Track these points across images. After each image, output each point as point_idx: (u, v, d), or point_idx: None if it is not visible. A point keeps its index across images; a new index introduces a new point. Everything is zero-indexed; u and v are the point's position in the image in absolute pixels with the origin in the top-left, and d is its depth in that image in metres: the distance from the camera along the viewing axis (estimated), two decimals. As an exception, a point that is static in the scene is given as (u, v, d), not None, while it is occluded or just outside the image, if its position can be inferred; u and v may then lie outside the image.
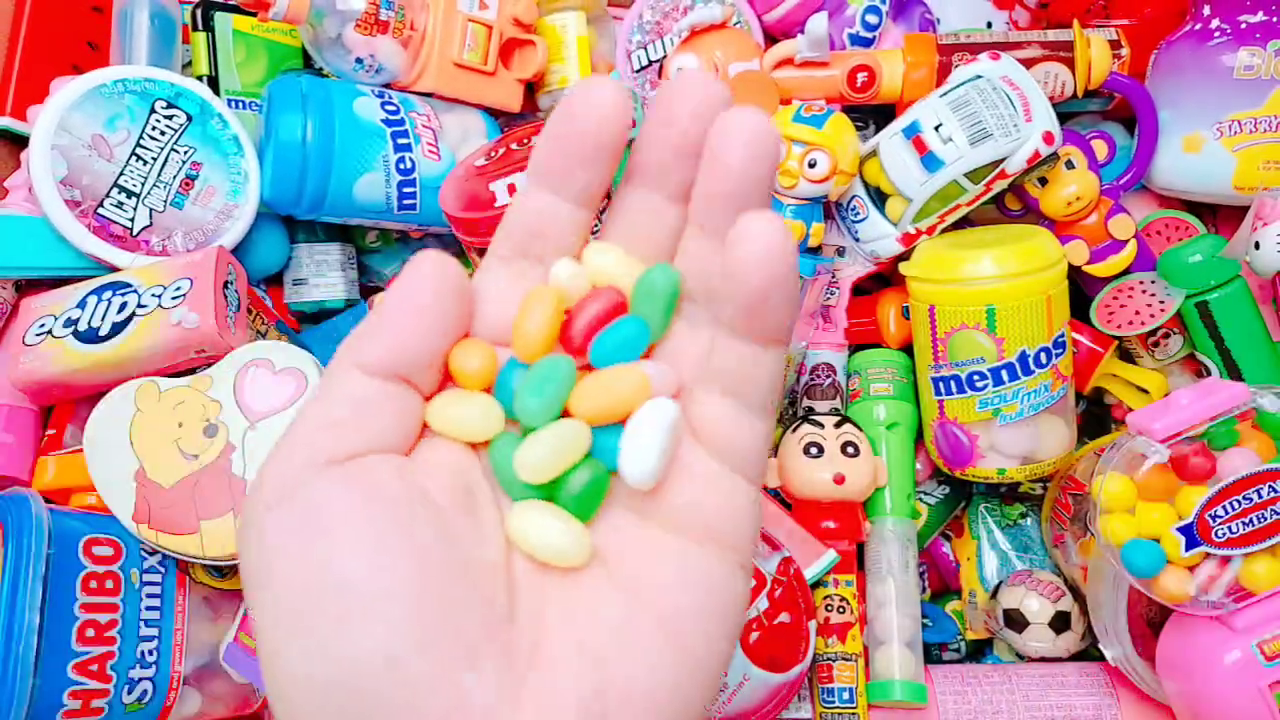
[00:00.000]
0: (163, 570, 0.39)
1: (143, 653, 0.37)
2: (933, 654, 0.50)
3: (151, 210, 0.42)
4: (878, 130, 0.49)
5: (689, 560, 0.18)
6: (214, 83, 0.47)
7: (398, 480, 0.17)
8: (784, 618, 0.42)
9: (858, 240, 0.49)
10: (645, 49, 0.52)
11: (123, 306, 0.39)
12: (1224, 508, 0.38)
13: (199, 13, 0.47)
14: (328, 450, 0.17)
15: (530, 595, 0.18)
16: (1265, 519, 0.38)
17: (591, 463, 0.18)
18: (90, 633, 0.36)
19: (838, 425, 0.46)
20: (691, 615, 0.18)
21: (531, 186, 0.19)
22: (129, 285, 0.40)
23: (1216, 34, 0.48)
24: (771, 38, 0.53)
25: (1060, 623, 0.45)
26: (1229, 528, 0.38)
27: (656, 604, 0.18)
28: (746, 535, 0.19)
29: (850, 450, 0.45)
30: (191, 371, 0.39)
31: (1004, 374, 0.43)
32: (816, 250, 0.49)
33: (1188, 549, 0.38)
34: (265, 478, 0.17)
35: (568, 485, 0.18)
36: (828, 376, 0.50)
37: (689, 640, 0.18)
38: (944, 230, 0.46)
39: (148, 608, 0.38)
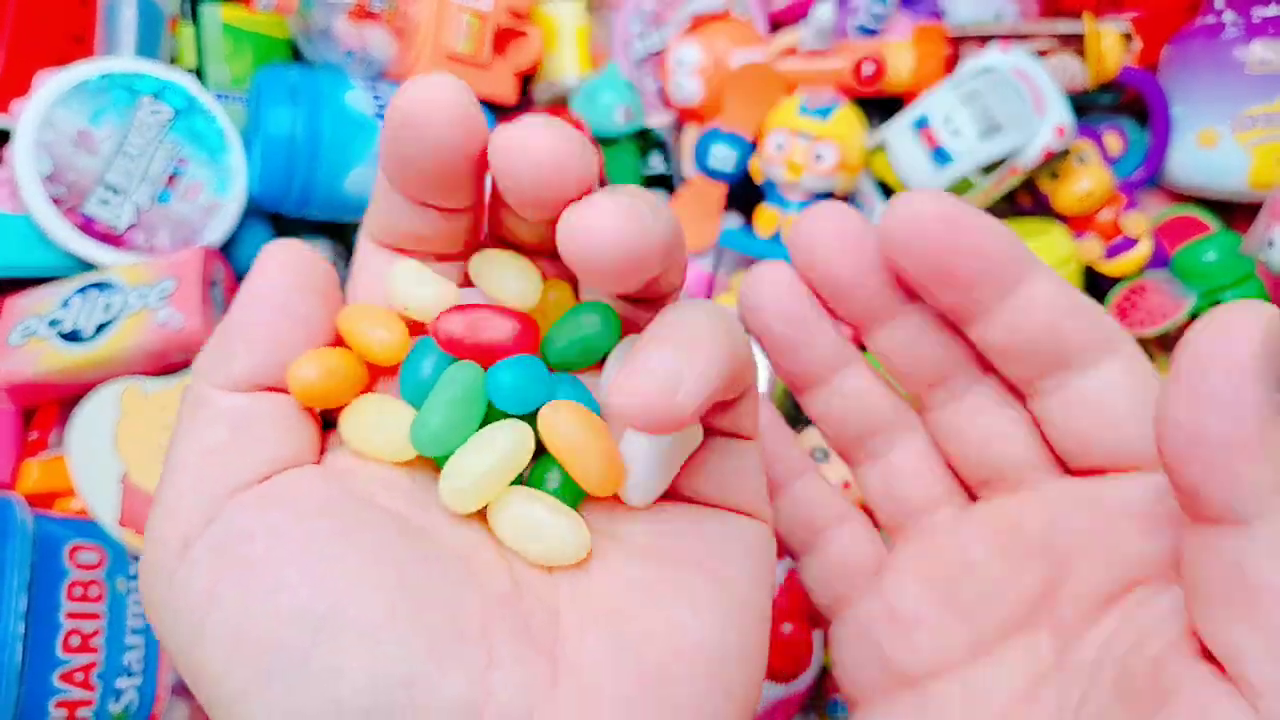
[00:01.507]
0: (149, 578, 0.38)
1: (129, 661, 0.37)
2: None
3: (138, 207, 0.41)
4: (883, 124, 0.48)
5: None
6: (200, 76, 0.46)
7: (327, 489, 0.15)
8: (787, 627, 0.41)
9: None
10: (644, 38, 0.51)
11: (107, 306, 0.38)
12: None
13: (186, 4, 0.47)
14: (227, 476, 0.15)
15: (528, 568, 0.16)
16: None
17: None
18: (75, 641, 0.35)
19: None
20: (721, 557, 0.16)
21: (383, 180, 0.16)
22: (114, 285, 0.39)
23: (1229, 27, 0.47)
24: (777, 26, 0.52)
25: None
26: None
27: (679, 553, 0.16)
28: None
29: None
30: (175, 371, 0.38)
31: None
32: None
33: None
34: (163, 524, 0.14)
35: (545, 481, 0.16)
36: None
37: (729, 584, 0.16)
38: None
39: (133, 615, 0.37)
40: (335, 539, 0.14)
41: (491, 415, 0.16)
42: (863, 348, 0.20)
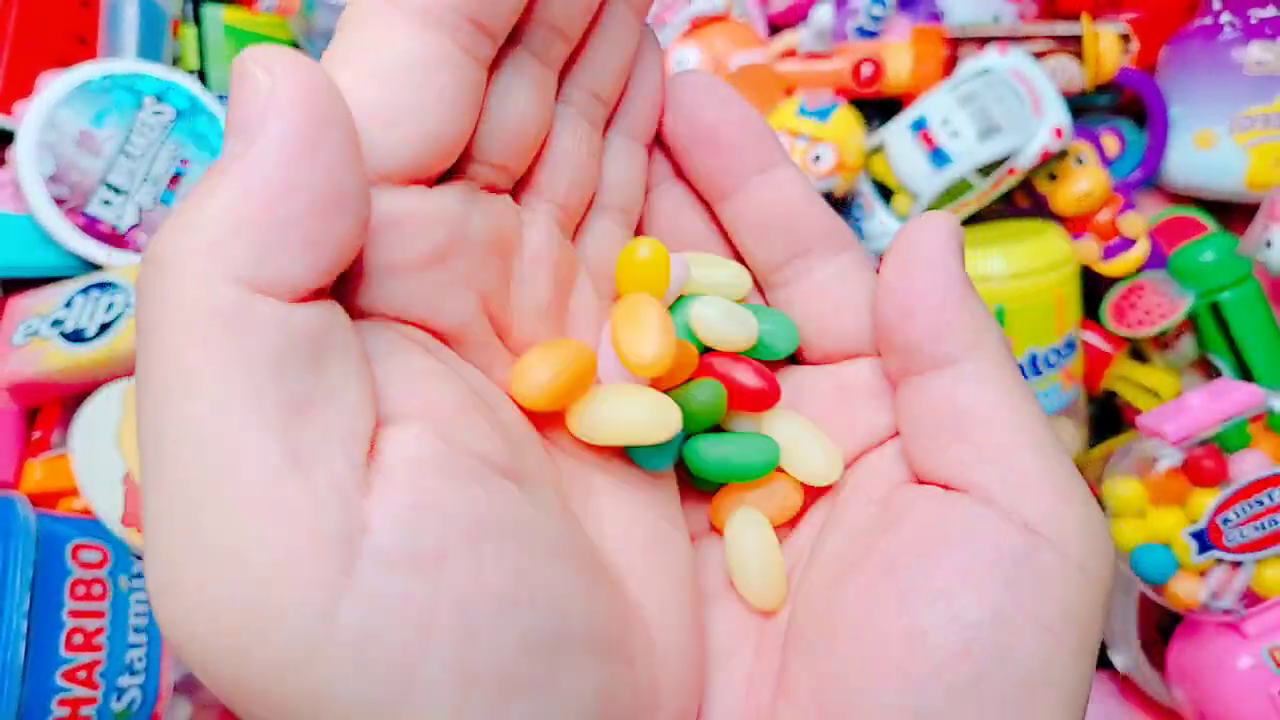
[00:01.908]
0: (151, 576, 0.38)
1: (131, 660, 0.37)
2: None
3: (140, 207, 0.41)
4: (881, 126, 0.48)
5: None
6: (203, 77, 0.47)
7: (456, 458, 0.11)
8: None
9: (863, 238, 0.48)
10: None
11: (110, 306, 0.38)
12: (1236, 511, 0.37)
13: (189, 6, 0.47)
14: (345, 452, 0.10)
15: None
16: (1278, 523, 0.37)
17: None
18: (78, 639, 0.35)
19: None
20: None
21: None
22: (116, 284, 0.39)
23: (1227, 28, 0.48)
24: (776, 28, 0.52)
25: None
26: (1241, 532, 0.37)
27: (617, 472, 0.17)
28: None
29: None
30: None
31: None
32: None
33: (1199, 554, 0.37)
34: (289, 542, 0.10)
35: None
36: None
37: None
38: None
39: (136, 613, 0.37)
40: (519, 536, 0.11)
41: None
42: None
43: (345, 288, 0.12)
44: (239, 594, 0.10)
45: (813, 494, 0.17)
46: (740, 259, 0.19)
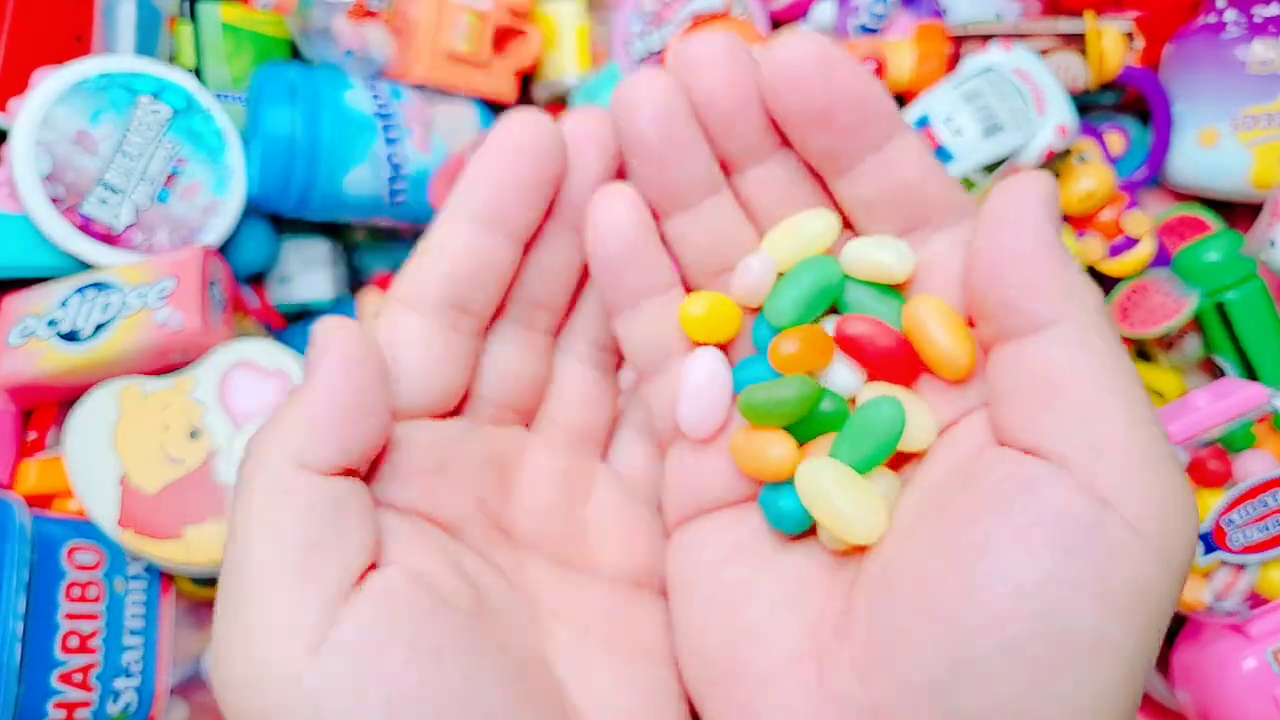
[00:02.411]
0: (147, 578, 0.38)
1: (128, 662, 0.37)
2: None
3: (136, 207, 0.40)
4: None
5: None
6: (199, 75, 0.46)
7: (425, 597, 0.16)
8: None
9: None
10: (645, 38, 0.51)
11: (106, 306, 0.38)
12: (1240, 513, 0.37)
13: (185, 3, 0.46)
14: (336, 575, 0.15)
15: (573, 680, 0.18)
16: (1283, 525, 0.37)
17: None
18: (74, 642, 0.35)
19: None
20: None
21: (463, 224, 0.18)
22: (112, 284, 0.39)
23: (1231, 26, 0.47)
24: (777, 25, 0.52)
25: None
26: (1245, 534, 0.37)
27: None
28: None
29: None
30: (173, 371, 0.38)
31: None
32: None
33: (1204, 555, 0.37)
34: (278, 620, 0.15)
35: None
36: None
37: None
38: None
39: (132, 616, 0.37)
40: (463, 651, 0.15)
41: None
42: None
43: (375, 483, 0.17)
44: (254, 655, 0.14)
45: (903, 458, 0.18)
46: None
